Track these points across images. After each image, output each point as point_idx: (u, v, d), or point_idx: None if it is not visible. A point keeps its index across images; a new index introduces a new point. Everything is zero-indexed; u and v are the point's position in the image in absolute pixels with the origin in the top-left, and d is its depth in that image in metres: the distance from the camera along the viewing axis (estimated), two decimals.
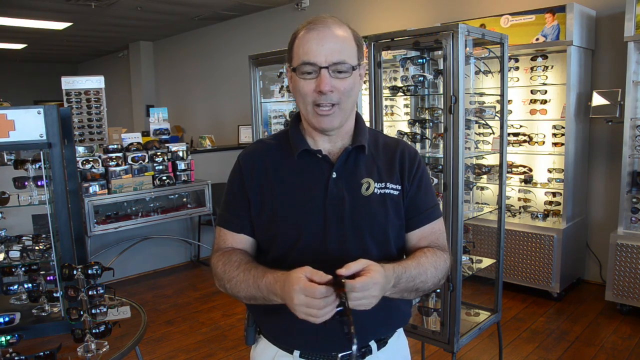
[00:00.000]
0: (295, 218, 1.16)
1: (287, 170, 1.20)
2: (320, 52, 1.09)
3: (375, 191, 1.18)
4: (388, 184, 1.20)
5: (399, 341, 1.30)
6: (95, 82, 5.22)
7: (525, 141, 4.24)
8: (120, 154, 4.38)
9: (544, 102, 4.17)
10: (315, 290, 0.95)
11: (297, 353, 1.20)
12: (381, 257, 1.17)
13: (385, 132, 2.93)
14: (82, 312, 1.68)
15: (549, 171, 4.18)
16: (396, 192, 1.21)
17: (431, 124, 2.79)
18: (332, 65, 1.10)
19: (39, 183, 1.89)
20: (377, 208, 1.18)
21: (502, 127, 2.64)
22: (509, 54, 2.69)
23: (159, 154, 4.60)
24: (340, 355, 1.18)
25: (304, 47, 1.11)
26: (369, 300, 0.99)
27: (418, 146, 2.89)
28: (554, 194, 4.11)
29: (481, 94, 2.96)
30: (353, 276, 0.99)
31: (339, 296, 0.96)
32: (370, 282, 0.98)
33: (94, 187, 4.23)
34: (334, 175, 1.17)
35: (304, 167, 1.20)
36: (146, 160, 4.52)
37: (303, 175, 1.19)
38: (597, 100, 3.79)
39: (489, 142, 3.42)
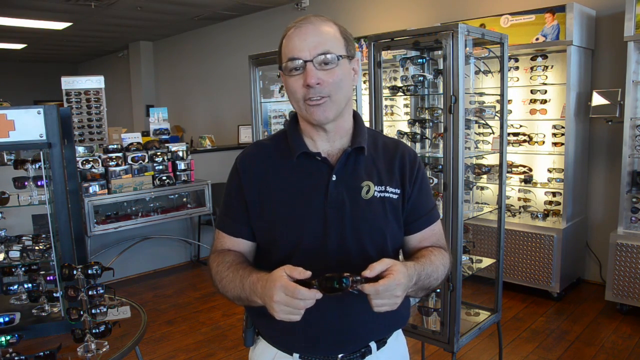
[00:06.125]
0: (296, 221, 1.16)
1: (286, 173, 1.19)
2: (304, 47, 1.09)
3: (375, 194, 1.18)
4: (388, 187, 1.20)
5: (398, 341, 1.31)
6: (95, 82, 5.22)
7: (525, 141, 4.24)
8: (120, 154, 4.38)
9: (544, 102, 4.17)
10: (297, 291, 0.95)
11: (296, 355, 1.20)
12: (378, 258, 1.16)
13: (385, 132, 2.95)
14: (82, 312, 1.68)
15: (549, 171, 4.18)
16: (395, 196, 1.20)
17: (431, 123, 2.78)
18: (316, 57, 1.09)
19: (39, 183, 1.89)
20: (377, 212, 1.18)
21: (502, 127, 2.64)
22: (508, 54, 2.69)
23: (159, 154, 4.60)
24: (340, 355, 1.18)
25: (288, 45, 1.12)
26: (393, 301, 0.98)
27: (418, 146, 2.89)
28: (554, 194, 4.11)
29: (481, 94, 2.95)
30: (377, 278, 0.97)
31: (353, 283, 0.96)
32: (394, 283, 0.97)
33: (94, 187, 4.23)
34: (334, 178, 1.16)
35: (304, 170, 1.19)
36: (146, 160, 4.52)
37: (303, 178, 1.18)
38: (597, 100, 3.79)
39: (489, 142, 3.42)
